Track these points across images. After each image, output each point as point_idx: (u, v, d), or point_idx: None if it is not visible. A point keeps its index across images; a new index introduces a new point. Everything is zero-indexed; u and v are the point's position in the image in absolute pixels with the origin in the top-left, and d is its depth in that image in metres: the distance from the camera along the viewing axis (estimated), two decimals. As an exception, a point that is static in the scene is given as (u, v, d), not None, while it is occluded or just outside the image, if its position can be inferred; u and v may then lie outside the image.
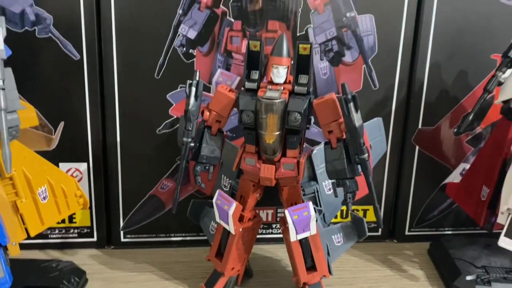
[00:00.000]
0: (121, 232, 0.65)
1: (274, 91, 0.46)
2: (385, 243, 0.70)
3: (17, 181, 0.48)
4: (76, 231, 0.64)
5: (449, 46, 0.63)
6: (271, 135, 0.47)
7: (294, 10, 0.60)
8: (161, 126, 0.62)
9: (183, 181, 0.61)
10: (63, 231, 0.64)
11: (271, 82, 0.47)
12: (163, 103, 0.61)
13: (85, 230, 0.64)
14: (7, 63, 0.44)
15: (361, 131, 0.44)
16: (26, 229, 0.50)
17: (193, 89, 0.48)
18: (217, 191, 0.51)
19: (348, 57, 0.62)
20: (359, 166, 0.46)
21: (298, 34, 0.60)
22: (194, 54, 0.60)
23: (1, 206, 0.47)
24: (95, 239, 0.65)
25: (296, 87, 0.47)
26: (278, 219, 0.66)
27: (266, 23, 0.60)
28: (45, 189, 0.51)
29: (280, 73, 0.46)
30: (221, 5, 0.59)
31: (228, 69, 0.61)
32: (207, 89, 0.61)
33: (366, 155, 0.44)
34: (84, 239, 0.64)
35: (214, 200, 0.51)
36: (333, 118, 0.46)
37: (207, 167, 0.50)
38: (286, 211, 0.48)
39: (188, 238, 0.66)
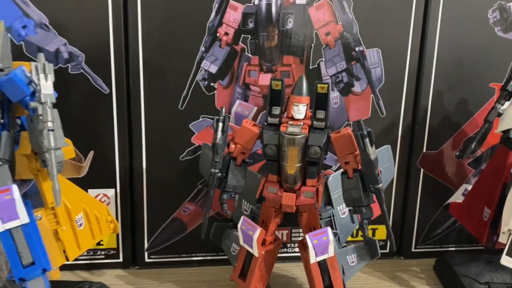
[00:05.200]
0: (146, 253, 0.69)
1: (295, 126, 0.51)
2: (393, 260, 0.74)
3: (58, 211, 0.52)
4: (103, 252, 0.68)
5: (450, 76, 0.68)
6: (292, 166, 0.51)
7: (307, 46, 0.64)
8: (184, 153, 0.66)
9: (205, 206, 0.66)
10: (91, 252, 0.67)
11: (291, 118, 0.52)
12: (186, 132, 0.65)
13: (112, 252, 0.68)
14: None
15: (376, 163, 0.49)
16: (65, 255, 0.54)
17: (220, 124, 0.52)
18: (242, 217, 0.55)
19: (357, 87, 0.67)
20: (373, 195, 0.51)
21: (311, 67, 0.65)
22: (215, 87, 0.65)
23: (45, 234, 0.51)
24: (121, 260, 0.68)
25: (315, 122, 0.51)
26: (292, 238, 0.71)
27: (281, 58, 0.64)
28: (81, 216, 0.55)
29: (300, 110, 0.51)
30: (240, 42, 0.63)
31: (246, 100, 0.66)
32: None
33: (380, 185, 0.49)
34: (110, 260, 0.68)
35: (239, 226, 0.55)
36: (349, 151, 0.50)
37: (232, 195, 0.55)
38: (307, 236, 0.52)
39: (208, 258, 0.70)
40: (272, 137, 0.51)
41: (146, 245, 0.68)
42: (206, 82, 0.64)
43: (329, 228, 0.52)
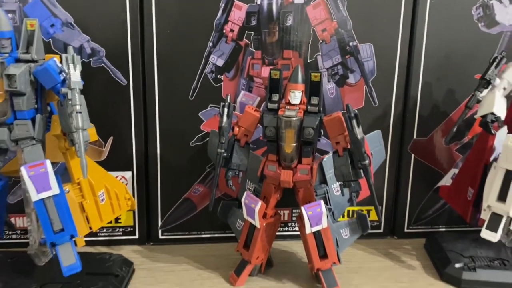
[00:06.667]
0: (159, 231, 0.76)
1: (291, 110, 0.57)
2: (386, 239, 0.79)
3: (84, 186, 0.59)
4: (121, 230, 0.75)
5: (438, 69, 0.73)
6: (289, 146, 0.58)
7: (305, 41, 0.71)
8: (194, 140, 0.73)
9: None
10: (110, 230, 0.74)
11: (288, 103, 0.58)
12: (195, 120, 0.72)
13: (129, 229, 0.75)
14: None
15: (363, 142, 0.55)
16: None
17: (225, 109, 0.59)
18: (245, 192, 0.62)
19: (351, 79, 0.73)
20: (361, 171, 0.57)
21: (309, 61, 0.71)
22: (222, 79, 0.71)
23: (71, 206, 0.57)
24: (137, 236, 0.75)
25: (309, 107, 0.58)
26: (293, 218, 0.77)
27: (281, 52, 0.71)
28: (103, 192, 0.62)
29: (296, 96, 0.57)
30: (244, 38, 0.70)
31: (250, 91, 0.72)
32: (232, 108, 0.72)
33: (367, 161, 0.55)
34: (127, 237, 0.75)
35: (242, 200, 0.62)
36: (339, 132, 0.57)
37: (237, 173, 0.61)
38: (302, 208, 0.59)
39: (216, 235, 0.77)
40: (271, 120, 0.58)
41: (159, 223, 0.75)
42: (213, 75, 0.71)
43: (322, 201, 0.59)
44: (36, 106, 0.55)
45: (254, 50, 0.70)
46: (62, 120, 0.55)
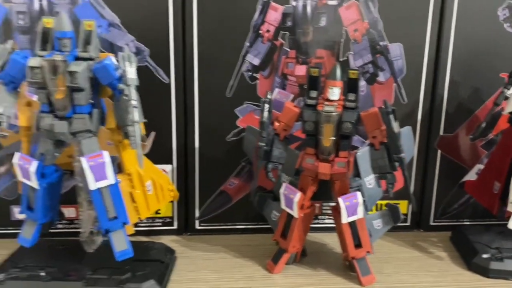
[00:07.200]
0: (196, 221, 0.79)
1: (330, 106, 0.60)
2: (413, 232, 0.82)
3: (134, 177, 0.63)
4: (160, 220, 0.79)
5: (464, 68, 0.76)
6: (328, 139, 0.61)
7: (337, 41, 0.74)
8: (230, 135, 0.77)
9: (249, 179, 0.77)
10: (150, 220, 0.78)
11: (327, 99, 0.62)
12: (231, 116, 0.76)
13: (167, 220, 0.79)
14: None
15: (399, 136, 0.58)
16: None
17: (266, 105, 0.63)
18: (284, 184, 0.66)
19: (381, 77, 0.76)
20: (396, 163, 0.60)
21: (340, 59, 0.75)
22: (257, 77, 0.75)
23: (123, 195, 0.61)
24: (175, 227, 0.79)
25: (347, 103, 0.61)
26: (323, 211, 0.80)
27: (315, 51, 0.74)
28: (150, 183, 0.66)
29: (334, 92, 0.61)
30: (279, 38, 0.74)
31: (284, 89, 0.76)
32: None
33: (403, 154, 0.58)
34: (166, 227, 0.79)
35: (281, 191, 0.65)
36: (376, 126, 0.60)
37: (276, 166, 0.65)
38: (340, 199, 0.62)
39: (250, 226, 0.80)
40: (311, 115, 0.61)
41: (197, 214, 0.79)
42: (250, 73, 0.75)
43: (359, 193, 0.62)
44: (92, 101, 0.58)
45: (288, 50, 0.74)
46: (117, 114, 0.58)
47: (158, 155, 0.75)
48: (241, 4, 0.72)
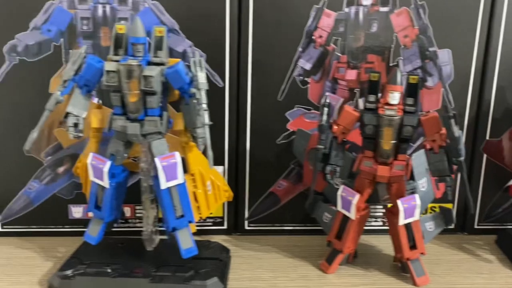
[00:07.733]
0: (246, 222, 0.81)
1: (391, 110, 0.62)
2: (457, 235, 0.83)
3: (197, 177, 0.65)
4: (211, 220, 0.81)
5: (512, 73, 0.78)
6: (388, 143, 0.63)
7: (388, 46, 0.76)
8: (280, 138, 0.79)
9: (297, 181, 0.78)
10: (202, 220, 0.80)
11: (386, 103, 0.63)
12: (282, 119, 0.78)
13: (218, 220, 0.81)
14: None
15: (460, 139, 0.60)
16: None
17: (325, 109, 0.65)
18: (342, 186, 0.67)
19: (430, 82, 0.77)
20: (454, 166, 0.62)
21: (391, 65, 0.76)
22: (309, 81, 0.77)
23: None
24: (225, 227, 0.81)
25: (407, 107, 0.63)
26: (371, 213, 0.82)
27: (366, 56, 0.76)
28: (210, 183, 0.68)
29: (395, 96, 0.62)
30: (331, 44, 0.76)
31: (334, 93, 0.78)
32: (318, 108, 0.78)
33: (463, 157, 0.60)
34: (217, 227, 0.81)
35: (339, 193, 0.67)
36: (436, 130, 0.62)
37: (334, 168, 0.66)
38: (399, 201, 0.63)
39: (297, 228, 0.82)
40: (371, 118, 0.63)
41: (246, 215, 0.81)
42: (301, 77, 0.76)
43: (416, 195, 0.64)
44: (161, 104, 0.61)
45: (340, 55, 0.76)
46: (186, 117, 0.60)
47: (211, 156, 0.77)
48: (296, 10, 0.74)
